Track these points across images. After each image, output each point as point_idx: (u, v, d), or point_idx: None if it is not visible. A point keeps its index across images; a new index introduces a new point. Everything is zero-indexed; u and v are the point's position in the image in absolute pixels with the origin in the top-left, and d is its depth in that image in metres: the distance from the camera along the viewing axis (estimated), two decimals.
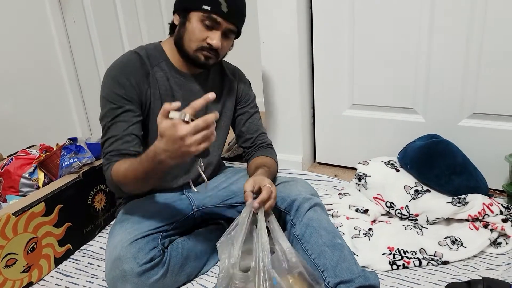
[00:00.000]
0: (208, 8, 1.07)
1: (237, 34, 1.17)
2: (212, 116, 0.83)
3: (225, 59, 1.25)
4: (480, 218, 1.20)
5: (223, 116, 1.27)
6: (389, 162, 1.41)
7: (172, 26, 1.18)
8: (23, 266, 1.16)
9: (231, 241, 0.97)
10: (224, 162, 1.48)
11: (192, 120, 0.82)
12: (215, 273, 1.15)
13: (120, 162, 1.05)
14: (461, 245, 1.16)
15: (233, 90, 1.29)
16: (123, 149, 1.07)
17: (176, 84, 1.17)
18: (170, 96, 1.16)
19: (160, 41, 1.22)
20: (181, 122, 0.81)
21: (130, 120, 1.10)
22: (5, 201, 1.32)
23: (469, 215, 1.21)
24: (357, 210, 1.35)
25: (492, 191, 1.41)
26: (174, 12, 1.16)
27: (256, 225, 0.97)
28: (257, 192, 1.02)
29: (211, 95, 0.85)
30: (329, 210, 1.37)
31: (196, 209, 1.22)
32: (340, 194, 1.44)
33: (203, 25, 1.08)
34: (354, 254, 1.08)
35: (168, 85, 1.16)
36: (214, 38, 1.08)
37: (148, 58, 1.16)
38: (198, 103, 0.84)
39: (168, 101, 1.02)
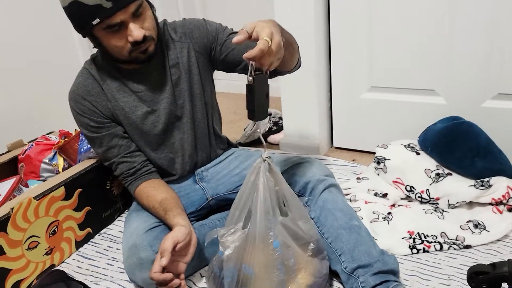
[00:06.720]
0: (98, 20, 0.94)
1: None
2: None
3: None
4: (504, 201, 1.17)
5: (193, 84, 1.17)
6: (409, 145, 1.38)
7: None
8: (45, 249, 1.19)
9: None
10: (240, 147, 1.47)
11: None
12: None
13: (142, 192, 1.13)
14: (484, 229, 1.13)
15: (191, 48, 1.15)
16: (129, 169, 1.15)
17: (136, 84, 1.13)
18: (137, 101, 1.13)
19: None
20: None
21: (117, 143, 1.14)
22: (26, 185, 1.35)
23: (493, 199, 1.18)
24: (376, 194, 1.32)
25: None
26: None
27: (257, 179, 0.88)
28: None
29: None
30: (347, 194, 1.35)
31: (211, 198, 1.22)
32: (358, 178, 1.42)
33: (112, 34, 0.98)
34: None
35: (129, 91, 1.13)
36: (132, 34, 0.97)
37: (97, 71, 1.12)
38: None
39: (135, 107, 1.12)
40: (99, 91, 1.12)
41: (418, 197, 1.28)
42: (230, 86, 2.57)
